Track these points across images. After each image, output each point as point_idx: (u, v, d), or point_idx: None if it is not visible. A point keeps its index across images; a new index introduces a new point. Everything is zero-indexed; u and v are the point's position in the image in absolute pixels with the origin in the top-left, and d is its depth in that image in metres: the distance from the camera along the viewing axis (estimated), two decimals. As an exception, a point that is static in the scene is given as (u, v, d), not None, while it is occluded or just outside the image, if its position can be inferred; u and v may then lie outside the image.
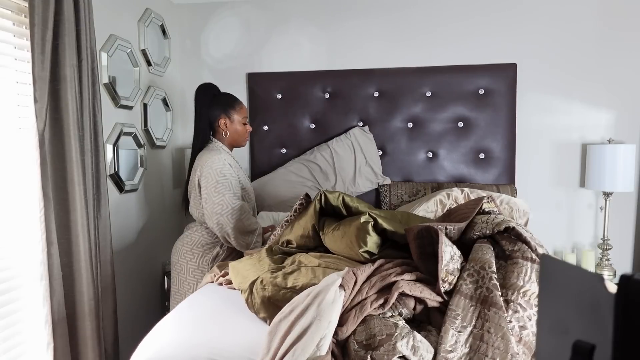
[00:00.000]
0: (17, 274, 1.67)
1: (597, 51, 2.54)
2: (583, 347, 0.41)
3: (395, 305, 1.20)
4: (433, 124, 2.66)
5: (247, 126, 2.22)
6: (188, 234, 2.18)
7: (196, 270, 2.11)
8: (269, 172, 2.74)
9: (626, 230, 2.60)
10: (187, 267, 2.13)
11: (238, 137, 2.19)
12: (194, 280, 2.12)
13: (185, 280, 2.14)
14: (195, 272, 2.12)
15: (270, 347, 1.14)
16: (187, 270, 2.13)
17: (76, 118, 1.73)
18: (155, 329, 1.38)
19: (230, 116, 2.15)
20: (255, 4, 2.82)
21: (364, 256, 1.50)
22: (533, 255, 1.22)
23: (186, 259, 2.13)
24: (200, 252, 2.12)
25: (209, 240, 2.14)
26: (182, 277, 2.15)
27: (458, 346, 1.09)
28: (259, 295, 1.40)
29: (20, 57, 1.69)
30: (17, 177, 1.66)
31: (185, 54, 2.92)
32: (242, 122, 2.19)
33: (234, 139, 2.19)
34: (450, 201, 2.16)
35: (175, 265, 2.18)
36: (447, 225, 1.38)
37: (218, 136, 2.17)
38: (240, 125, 2.18)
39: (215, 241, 2.14)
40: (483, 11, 2.62)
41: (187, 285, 2.13)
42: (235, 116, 2.16)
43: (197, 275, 2.11)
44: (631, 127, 2.54)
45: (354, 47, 2.75)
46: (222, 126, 2.14)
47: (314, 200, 1.76)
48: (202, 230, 2.15)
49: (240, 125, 2.18)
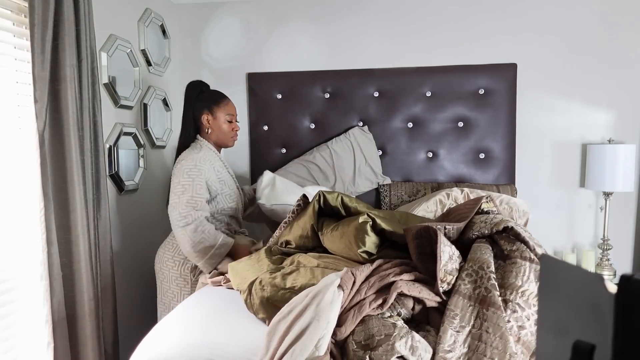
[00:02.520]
0: (17, 274, 1.67)
1: (597, 51, 2.54)
2: (583, 347, 0.41)
3: (394, 305, 1.20)
4: (433, 124, 2.66)
5: (232, 124, 2.13)
6: (169, 239, 2.10)
7: (179, 278, 2.04)
8: (269, 172, 2.73)
9: (626, 230, 2.60)
10: (170, 276, 2.05)
11: (223, 135, 2.11)
12: (177, 289, 2.04)
13: (169, 289, 2.06)
14: (177, 280, 2.04)
15: (269, 347, 1.14)
16: (170, 278, 2.05)
17: (76, 118, 1.72)
18: (155, 329, 1.38)
19: (213, 112, 2.08)
20: (255, 4, 2.82)
21: (363, 256, 1.50)
22: (531, 255, 1.22)
23: (168, 267, 2.06)
24: (181, 260, 2.04)
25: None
26: (166, 286, 2.07)
27: (456, 346, 1.09)
28: (258, 296, 1.40)
29: (20, 57, 1.69)
30: (17, 177, 1.66)
31: (185, 54, 2.92)
32: (227, 119, 2.10)
33: (219, 138, 2.11)
34: (450, 201, 2.16)
35: (158, 273, 2.10)
36: (446, 225, 1.37)
37: (202, 134, 2.10)
38: (224, 122, 2.09)
39: None
40: (483, 11, 2.62)
41: (171, 294, 2.06)
42: (218, 113, 2.08)
43: (180, 283, 2.03)
44: (631, 127, 2.54)
45: (354, 47, 2.75)
46: (205, 122, 2.07)
47: (312, 200, 1.76)
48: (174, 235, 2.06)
49: (225, 122, 2.09)
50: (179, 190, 1.94)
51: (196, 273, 2.04)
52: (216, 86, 2.88)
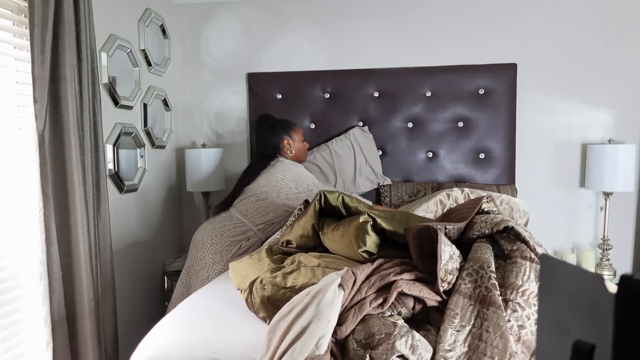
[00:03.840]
0: (17, 274, 1.67)
1: (597, 51, 2.54)
2: (583, 347, 0.41)
3: (394, 304, 1.20)
4: (433, 124, 2.66)
5: (305, 143, 2.53)
6: (222, 218, 2.30)
7: (216, 254, 2.21)
8: (269, 172, 2.74)
9: (626, 230, 2.60)
10: (210, 249, 2.22)
11: (300, 153, 2.49)
12: (210, 262, 2.21)
13: (203, 258, 2.23)
14: (215, 255, 2.21)
15: (270, 346, 1.14)
16: (208, 250, 2.22)
17: (76, 118, 1.72)
18: (155, 329, 1.38)
19: (292, 136, 2.45)
20: (255, 4, 2.82)
21: (363, 256, 1.50)
22: (532, 255, 1.22)
23: (214, 241, 2.23)
24: (228, 241, 2.23)
25: (240, 231, 2.24)
26: (201, 255, 2.24)
27: (457, 345, 1.09)
28: (259, 295, 1.40)
29: (20, 57, 1.69)
30: (16, 177, 1.66)
31: (185, 54, 2.92)
32: (301, 139, 2.50)
33: (297, 156, 2.47)
34: (450, 201, 2.16)
35: (196, 242, 2.27)
36: (447, 224, 1.38)
37: (283, 154, 2.44)
38: (300, 142, 2.49)
39: (245, 236, 2.24)
40: (483, 11, 2.62)
41: (204, 263, 2.22)
42: (295, 136, 2.47)
43: (216, 259, 2.21)
44: (631, 127, 2.54)
45: (354, 47, 2.75)
46: (286, 146, 2.43)
47: (313, 200, 1.76)
48: (236, 222, 2.26)
49: (300, 142, 2.49)
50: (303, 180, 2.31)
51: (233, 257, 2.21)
52: (216, 86, 2.90)
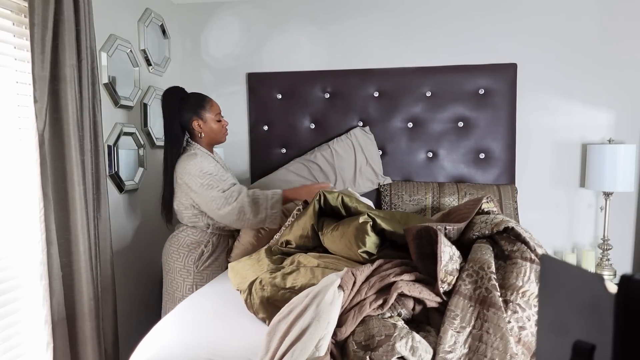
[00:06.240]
0: (17, 274, 1.67)
1: (597, 51, 2.54)
2: (583, 347, 0.41)
3: (394, 305, 1.20)
4: (433, 124, 2.66)
5: (222, 122, 2.17)
6: (175, 234, 2.20)
7: (182, 269, 2.14)
8: (269, 172, 2.74)
9: (626, 230, 2.60)
10: (174, 267, 2.15)
11: (215, 135, 2.16)
12: (180, 280, 2.14)
13: (174, 280, 2.16)
14: (181, 271, 2.14)
15: (269, 347, 1.14)
16: (175, 270, 2.15)
17: (76, 118, 1.72)
18: (155, 329, 1.38)
19: (202, 116, 2.11)
20: (255, 4, 2.82)
21: (363, 256, 1.50)
22: (532, 256, 1.22)
23: (173, 258, 2.16)
24: (185, 252, 2.14)
25: (193, 240, 2.15)
26: (171, 277, 2.17)
27: (457, 347, 1.09)
28: (258, 296, 1.40)
29: (20, 57, 1.69)
30: (16, 177, 1.66)
31: (185, 54, 2.92)
32: (216, 119, 2.14)
33: (211, 138, 2.16)
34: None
35: (165, 265, 2.20)
36: (446, 225, 1.37)
37: (195, 139, 2.14)
38: (214, 122, 2.14)
39: (200, 241, 2.16)
40: (483, 11, 2.62)
41: (175, 284, 2.15)
42: (207, 115, 2.12)
43: (184, 274, 2.14)
44: (631, 127, 2.54)
45: (354, 47, 2.75)
46: (196, 128, 2.11)
47: (312, 200, 1.76)
48: (187, 230, 2.17)
49: (215, 122, 2.14)
50: (206, 187, 2.01)
51: (199, 265, 2.14)
52: (216, 86, 2.90)
